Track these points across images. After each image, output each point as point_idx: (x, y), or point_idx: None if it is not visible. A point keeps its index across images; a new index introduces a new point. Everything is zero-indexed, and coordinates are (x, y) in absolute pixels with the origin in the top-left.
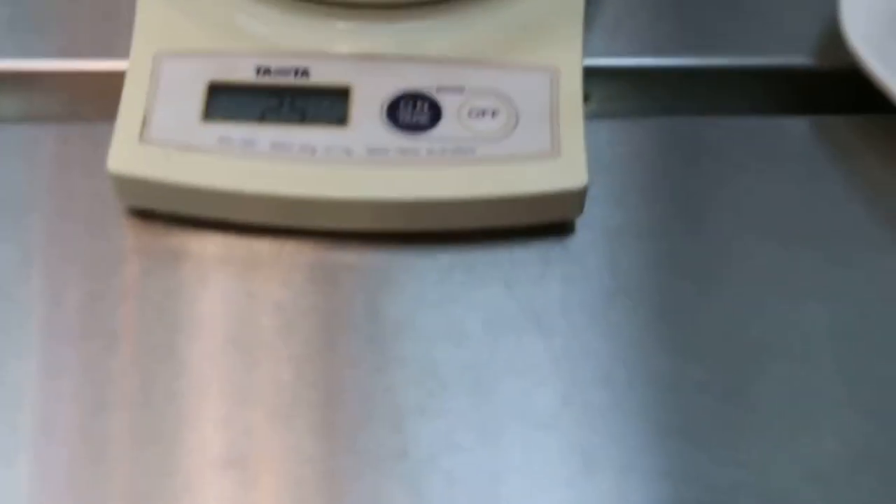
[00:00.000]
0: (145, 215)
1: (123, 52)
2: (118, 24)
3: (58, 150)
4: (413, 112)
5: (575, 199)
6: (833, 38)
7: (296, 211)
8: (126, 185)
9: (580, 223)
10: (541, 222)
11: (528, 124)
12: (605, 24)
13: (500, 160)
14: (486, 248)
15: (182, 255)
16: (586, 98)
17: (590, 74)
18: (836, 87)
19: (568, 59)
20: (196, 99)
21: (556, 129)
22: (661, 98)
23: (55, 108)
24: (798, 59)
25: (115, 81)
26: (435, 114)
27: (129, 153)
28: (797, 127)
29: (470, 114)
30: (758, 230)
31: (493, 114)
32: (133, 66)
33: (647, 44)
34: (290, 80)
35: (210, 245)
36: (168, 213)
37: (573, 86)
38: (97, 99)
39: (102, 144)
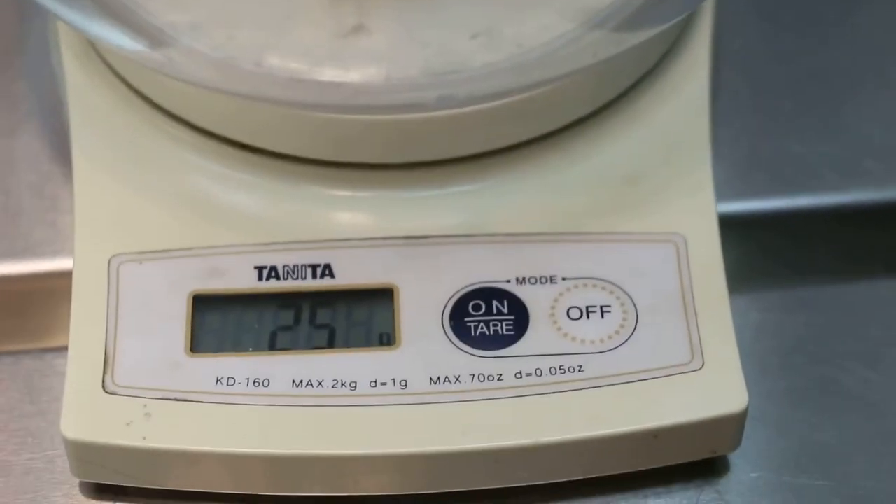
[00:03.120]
0: (113, 492)
1: (55, 253)
2: (47, 217)
3: None
4: (488, 317)
5: (730, 428)
6: None
7: (334, 475)
8: (88, 455)
9: (735, 458)
10: (683, 462)
11: (652, 323)
12: (733, 151)
13: (619, 379)
14: None
15: None
16: None
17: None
18: None
19: (698, 220)
20: (177, 322)
21: (693, 328)
22: (823, 253)
23: None
24: None
25: (44, 293)
26: (519, 318)
27: (89, 409)
28: None
29: (569, 314)
30: None
31: (603, 311)
32: (80, 277)
33: (791, 175)
34: (308, 284)
35: None
36: (148, 488)
37: (710, 258)
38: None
39: (38, 391)
